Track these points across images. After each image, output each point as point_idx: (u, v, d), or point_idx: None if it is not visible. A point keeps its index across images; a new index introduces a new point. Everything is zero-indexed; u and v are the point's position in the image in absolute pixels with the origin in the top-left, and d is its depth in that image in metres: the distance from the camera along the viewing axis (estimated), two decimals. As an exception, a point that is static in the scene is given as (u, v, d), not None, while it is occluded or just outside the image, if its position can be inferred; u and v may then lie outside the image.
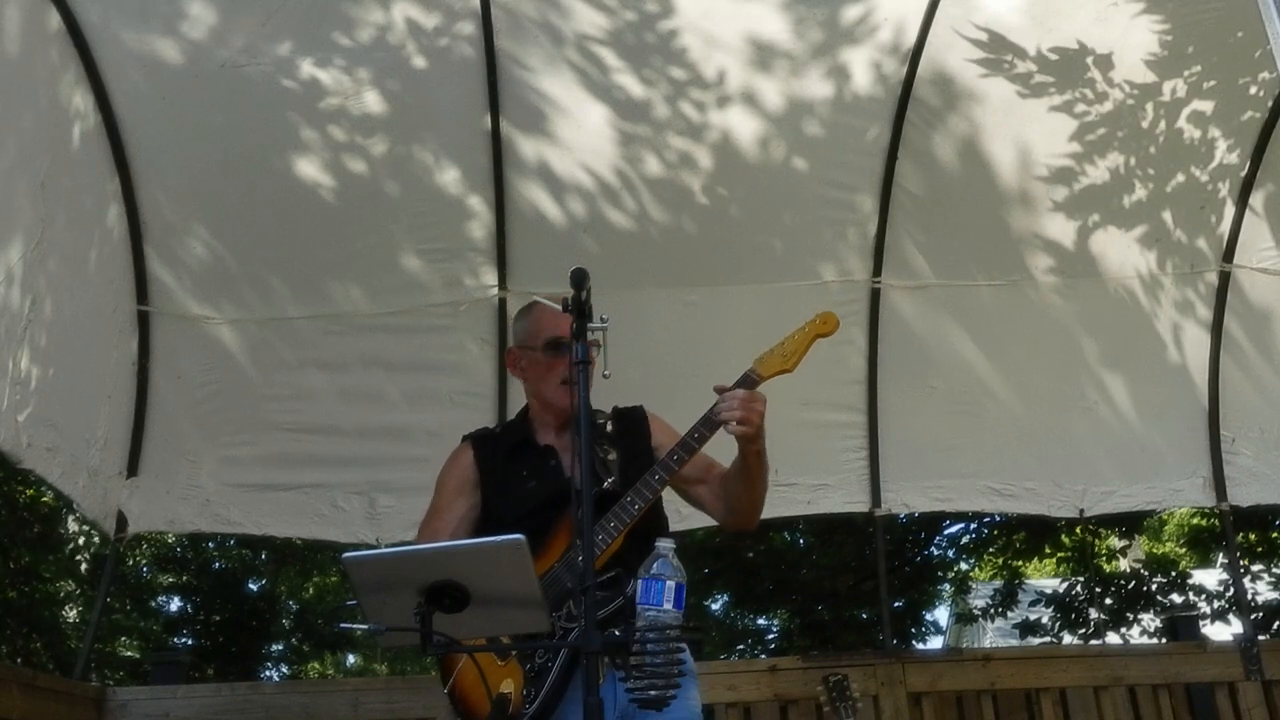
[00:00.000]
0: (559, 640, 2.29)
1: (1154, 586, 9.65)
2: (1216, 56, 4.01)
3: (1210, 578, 9.89)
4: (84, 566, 10.30)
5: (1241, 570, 7.49)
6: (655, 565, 1.91)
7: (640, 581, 1.91)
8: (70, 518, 9.70)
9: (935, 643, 12.18)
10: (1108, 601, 9.70)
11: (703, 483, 2.60)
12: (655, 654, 1.84)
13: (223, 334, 4.37)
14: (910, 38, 3.97)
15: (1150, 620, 9.55)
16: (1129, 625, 9.59)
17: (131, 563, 10.89)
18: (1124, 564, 11.21)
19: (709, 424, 2.40)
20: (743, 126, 4.14)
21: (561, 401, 2.48)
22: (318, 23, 3.74)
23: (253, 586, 11.80)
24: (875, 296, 4.54)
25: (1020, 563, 10.71)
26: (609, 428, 2.64)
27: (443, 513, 2.61)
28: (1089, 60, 3.98)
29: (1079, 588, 9.92)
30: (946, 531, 10.51)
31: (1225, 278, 4.54)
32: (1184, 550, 12.30)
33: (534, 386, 2.64)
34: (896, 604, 9.69)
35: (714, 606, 11.68)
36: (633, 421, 2.67)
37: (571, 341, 2.04)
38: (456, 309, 4.45)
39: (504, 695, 2.25)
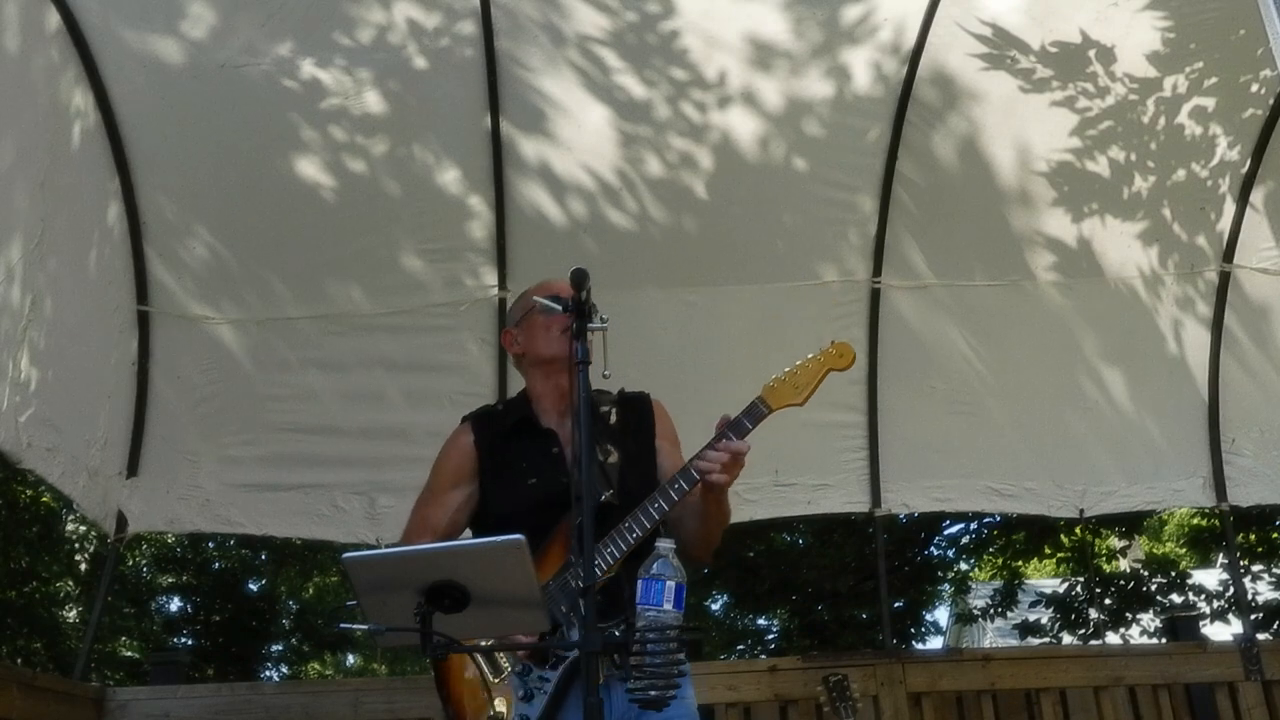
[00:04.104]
0: (556, 660, 2.28)
1: (1154, 586, 9.65)
2: (1218, 54, 4.01)
3: (1210, 578, 9.90)
4: (83, 566, 10.30)
5: (1241, 570, 7.50)
6: (655, 565, 1.90)
7: (640, 581, 1.90)
8: (70, 518, 9.70)
9: (935, 643, 12.18)
10: (1107, 602, 9.70)
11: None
12: (655, 654, 1.83)
13: (223, 334, 4.37)
14: (910, 38, 3.97)
15: (1150, 620, 9.56)
16: (1129, 625, 9.59)
17: (131, 563, 10.89)
18: (1124, 564, 11.22)
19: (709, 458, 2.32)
20: (743, 127, 4.14)
21: (561, 350, 2.29)
22: (318, 23, 3.74)
23: (253, 586, 11.80)
24: (875, 296, 4.54)
25: (1020, 563, 10.72)
26: (612, 418, 2.56)
27: (434, 500, 2.58)
28: (1091, 54, 3.98)
29: (1079, 588, 9.92)
30: (946, 531, 10.52)
31: (1225, 277, 4.54)
32: (1184, 550, 12.31)
33: (532, 354, 2.56)
34: (896, 604, 9.70)
35: (714, 606, 11.69)
36: (639, 414, 2.59)
37: (571, 341, 2.03)
38: (456, 309, 4.44)
39: (498, 715, 2.25)
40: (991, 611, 10.16)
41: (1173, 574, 9.82)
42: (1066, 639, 9.54)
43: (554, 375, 2.48)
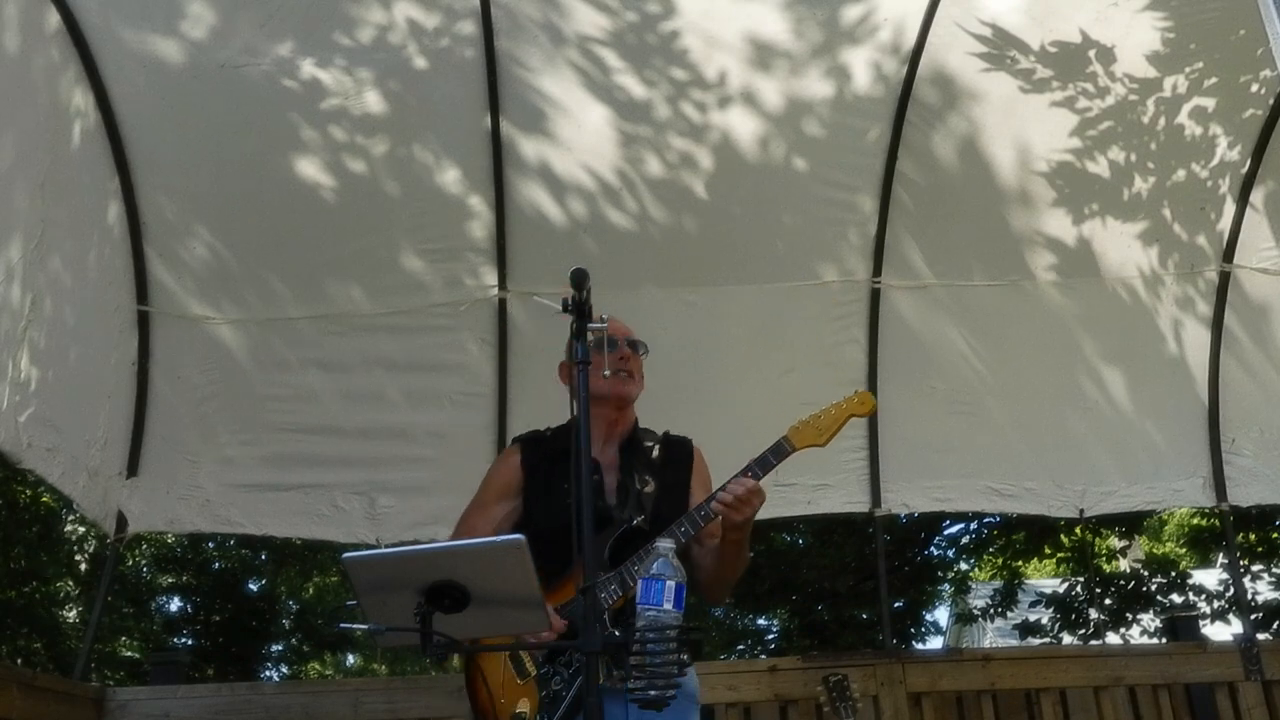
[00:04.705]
0: (570, 658, 2.32)
1: (1154, 586, 9.64)
2: (1218, 54, 4.01)
3: (1210, 578, 9.89)
4: (83, 566, 10.30)
5: (1241, 570, 7.49)
6: (655, 565, 1.90)
7: (640, 581, 1.91)
8: (70, 518, 9.70)
9: (935, 643, 12.18)
10: (1107, 602, 9.69)
11: (699, 542, 2.60)
12: (655, 654, 1.83)
13: (223, 334, 4.37)
14: (910, 38, 3.97)
15: (1150, 620, 9.55)
16: (1129, 625, 9.58)
17: (131, 563, 10.89)
18: (1124, 564, 11.21)
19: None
20: (743, 126, 4.14)
21: (610, 389, 2.55)
22: (318, 23, 3.74)
23: (253, 586, 11.78)
24: (875, 296, 4.54)
25: (1020, 563, 10.71)
26: (655, 453, 2.67)
27: (481, 511, 2.67)
28: (1091, 54, 3.98)
29: (1079, 588, 9.91)
30: (946, 531, 10.52)
31: (1225, 277, 4.54)
32: (1184, 550, 12.30)
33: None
34: (896, 604, 9.69)
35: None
36: (680, 453, 2.70)
37: (572, 341, 2.05)
38: (457, 309, 4.45)
39: (520, 715, 2.30)
40: (991, 611, 10.14)
41: (1173, 574, 9.81)
42: (1066, 639, 9.53)
43: (601, 410, 2.58)
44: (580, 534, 1.92)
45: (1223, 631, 8.54)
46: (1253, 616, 8.47)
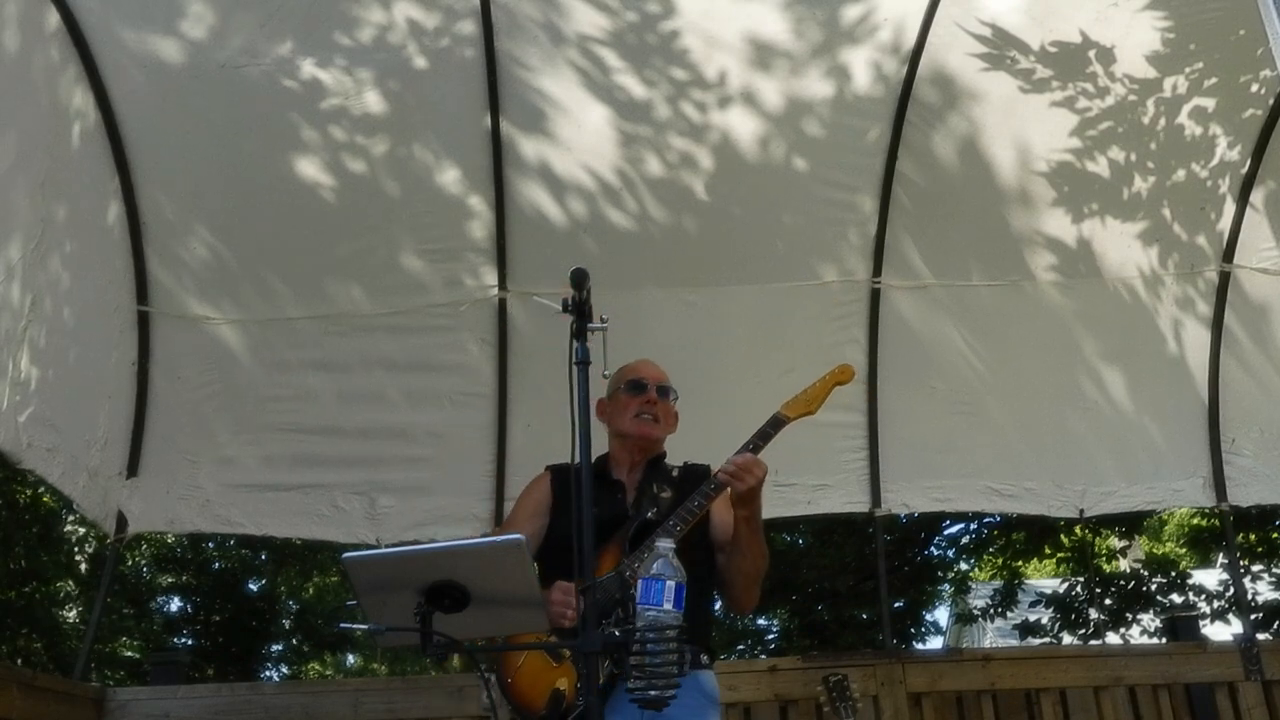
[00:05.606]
0: (573, 641, 2.32)
1: (1154, 586, 9.63)
2: (1218, 54, 4.01)
3: (1210, 578, 9.88)
4: (83, 566, 10.30)
5: (1241, 570, 7.49)
6: (655, 565, 1.90)
7: (640, 581, 1.91)
8: (70, 518, 9.69)
9: (935, 643, 12.16)
10: (1107, 602, 9.68)
11: (720, 550, 2.67)
12: (655, 654, 1.83)
13: (223, 334, 4.38)
14: (910, 38, 3.97)
15: (1150, 620, 9.54)
16: (1129, 625, 9.58)
17: (131, 563, 10.88)
18: (1124, 564, 11.21)
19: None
20: (743, 126, 4.14)
21: (635, 430, 2.72)
22: (318, 23, 3.75)
23: (253, 586, 11.78)
24: (875, 296, 4.54)
25: (1020, 563, 10.70)
26: (675, 473, 2.78)
27: (513, 528, 2.72)
28: (1091, 54, 3.98)
29: (1079, 588, 9.90)
30: (946, 531, 10.50)
31: (1225, 277, 4.54)
32: (1184, 550, 12.29)
33: (615, 425, 2.79)
34: (896, 604, 9.68)
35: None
36: (696, 476, 2.78)
37: (572, 340, 2.05)
38: (457, 309, 4.45)
39: (559, 691, 2.33)
40: (991, 611, 10.13)
41: (1173, 574, 9.80)
42: (1066, 639, 9.52)
43: (629, 445, 2.77)
44: (580, 533, 1.92)
45: (1223, 631, 8.54)
46: (1253, 616, 8.47)
